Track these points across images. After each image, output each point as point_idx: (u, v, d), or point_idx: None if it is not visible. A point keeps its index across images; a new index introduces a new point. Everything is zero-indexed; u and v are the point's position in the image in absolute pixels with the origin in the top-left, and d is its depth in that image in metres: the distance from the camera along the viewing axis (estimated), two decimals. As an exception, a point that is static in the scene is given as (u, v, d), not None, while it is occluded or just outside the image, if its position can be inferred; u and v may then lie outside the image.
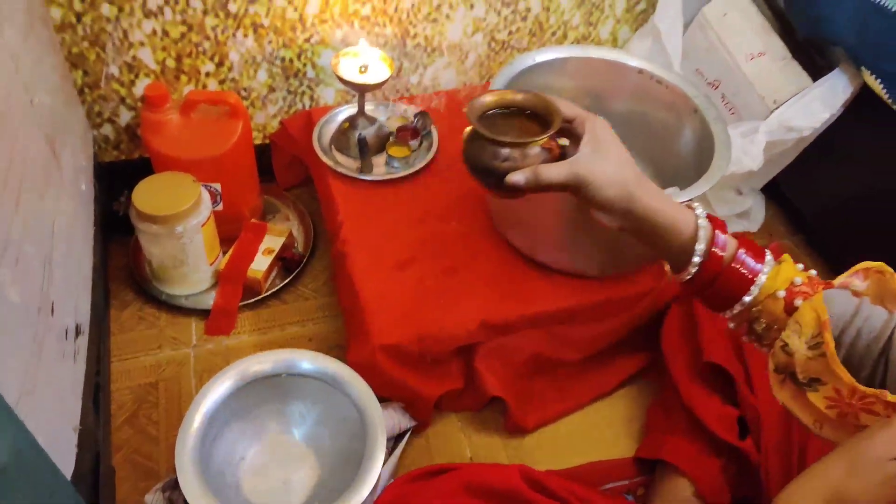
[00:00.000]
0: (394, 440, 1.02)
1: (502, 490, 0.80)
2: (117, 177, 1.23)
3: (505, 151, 0.69)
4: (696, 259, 0.66)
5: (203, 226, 1.11)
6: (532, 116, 0.72)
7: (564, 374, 1.10)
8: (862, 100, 1.06)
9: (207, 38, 1.15)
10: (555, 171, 0.67)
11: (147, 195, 1.08)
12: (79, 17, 1.06)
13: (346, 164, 1.20)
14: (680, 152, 1.10)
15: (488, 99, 0.72)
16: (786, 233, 1.40)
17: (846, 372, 0.58)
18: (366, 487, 0.82)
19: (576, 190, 0.67)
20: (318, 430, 0.98)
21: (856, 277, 0.65)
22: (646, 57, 1.26)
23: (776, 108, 1.13)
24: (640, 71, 1.10)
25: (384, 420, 0.97)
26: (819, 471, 0.57)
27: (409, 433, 1.03)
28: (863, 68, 1.02)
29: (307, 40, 1.20)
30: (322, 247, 1.29)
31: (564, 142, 0.72)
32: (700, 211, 0.67)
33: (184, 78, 1.19)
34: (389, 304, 1.00)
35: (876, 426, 0.57)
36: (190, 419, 0.86)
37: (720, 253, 0.65)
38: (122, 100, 1.18)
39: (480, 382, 1.03)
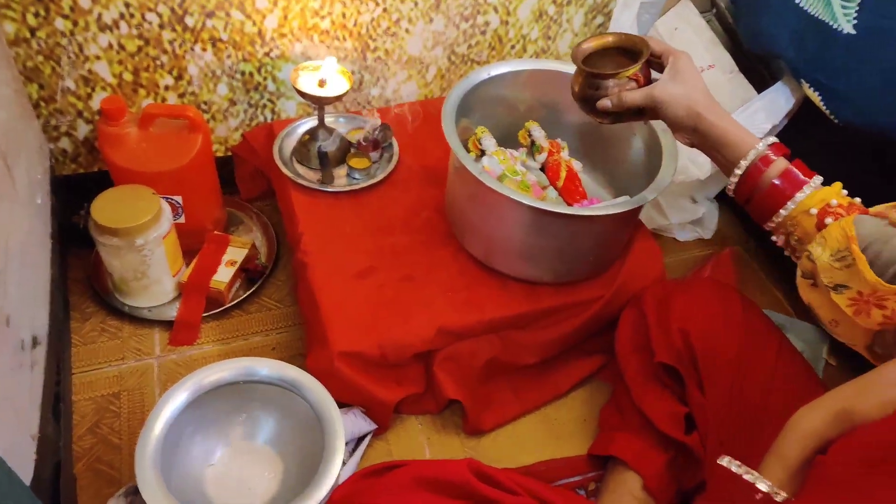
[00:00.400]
0: (354, 443, 1.04)
1: (451, 482, 0.82)
2: (76, 189, 1.24)
3: (598, 82, 0.88)
4: (738, 171, 0.81)
5: (164, 238, 1.12)
6: (627, 54, 0.89)
7: (521, 377, 1.12)
8: (804, 111, 1.11)
9: (165, 51, 1.16)
10: (635, 95, 0.86)
11: (106, 208, 1.09)
12: (33, 31, 1.06)
13: (307, 175, 1.21)
14: (631, 161, 1.13)
15: (590, 44, 0.90)
16: (739, 240, 1.44)
17: (872, 273, 0.67)
18: (323, 489, 0.83)
19: (653, 110, 0.86)
20: (280, 434, 0.99)
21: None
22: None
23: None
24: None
25: (344, 424, 0.99)
26: (833, 392, 0.64)
27: (369, 436, 1.05)
28: (802, 81, 1.06)
29: (267, 54, 1.22)
30: (285, 257, 1.30)
31: (658, 75, 0.88)
32: (766, 140, 0.80)
33: (142, 91, 1.20)
34: (349, 312, 1.02)
35: (889, 363, 0.63)
36: (150, 426, 0.87)
37: (763, 168, 0.79)
38: (80, 113, 1.19)
39: (439, 387, 1.05)
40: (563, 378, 1.15)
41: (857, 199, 0.76)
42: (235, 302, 1.21)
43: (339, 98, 1.15)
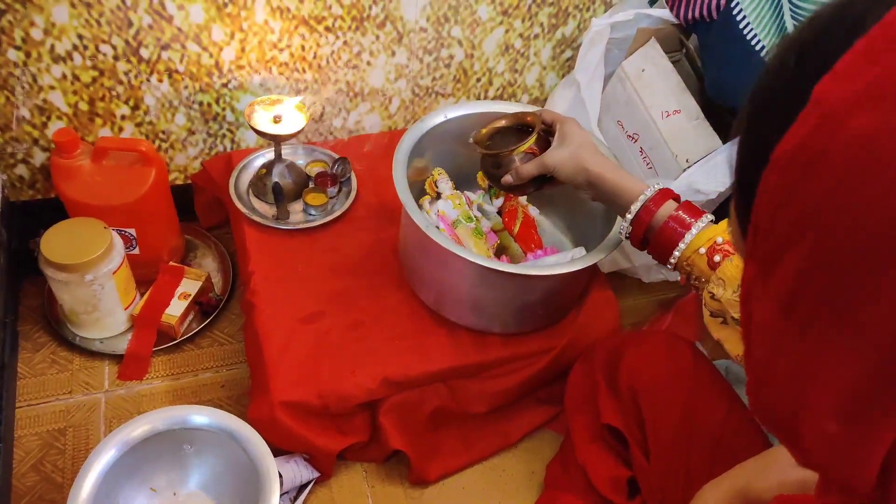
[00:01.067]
0: (295, 491, 1.03)
1: None
2: (33, 216, 1.22)
3: (498, 161, 0.97)
4: (628, 216, 0.87)
5: (115, 273, 1.11)
6: (524, 130, 0.99)
7: (469, 426, 1.11)
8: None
9: (120, 82, 1.14)
10: (529, 166, 0.95)
11: (56, 242, 1.07)
12: (-16, 63, 1.05)
13: (263, 210, 1.20)
14: (590, 208, 1.11)
15: (486, 129, 1.01)
16: (705, 278, 1.42)
17: None
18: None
19: (551, 175, 0.94)
20: (217, 478, 0.98)
21: None
22: (567, 109, 1.28)
23: (687, 167, 1.15)
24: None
25: (285, 472, 0.99)
26: (738, 468, 0.70)
27: (311, 483, 1.04)
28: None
29: (224, 85, 1.20)
30: (240, 289, 1.29)
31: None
32: (653, 186, 0.87)
33: (98, 121, 1.18)
34: (292, 359, 1.01)
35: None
36: (79, 485, 0.86)
37: (652, 211, 0.85)
38: (35, 141, 1.17)
39: (384, 436, 1.04)
40: (514, 428, 1.14)
41: None
42: (188, 336, 1.20)
43: (294, 135, 1.14)
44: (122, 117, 1.19)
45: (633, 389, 0.98)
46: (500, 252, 1.12)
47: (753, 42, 1.01)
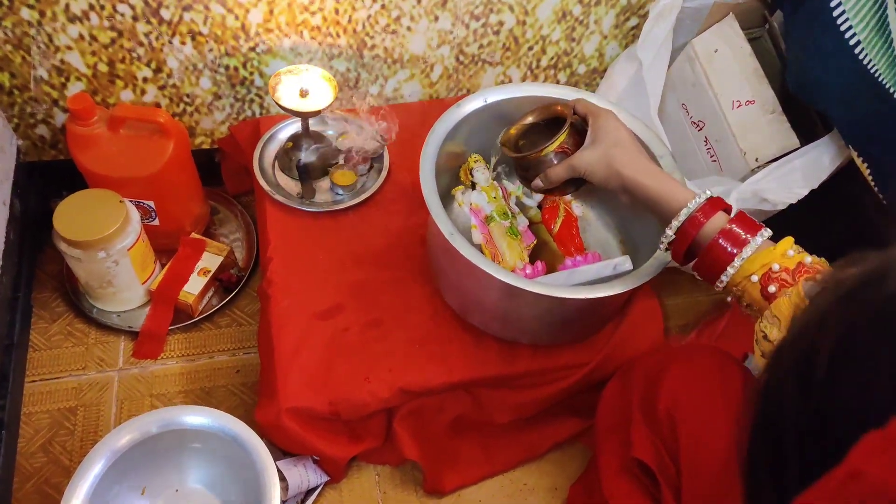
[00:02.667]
0: (302, 496, 0.99)
1: None
2: (56, 175, 1.18)
3: (526, 163, 0.86)
4: (669, 231, 0.75)
5: (130, 249, 1.06)
6: (557, 124, 0.86)
7: (491, 436, 1.05)
8: (848, 176, 0.94)
9: (141, 44, 1.06)
10: (559, 170, 0.84)
11: (69, 215, 1.02)
12: (-3, 21, 0.98)
13: (288, 187, 1.12)
14: (643, 218, 1.00)
15: (512, 130, 0.90)
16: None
17: None
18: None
19: (583, 178, 0.83)
20: (220, 478, 0.95)
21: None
22: (626, 87, 1.14)
23: (757, 168, 1.02)
24: (605, 117, 0.99)
25: (291, 476, 0.95)
26: None
27: (320, 487, 1.00)
28: (850, 147, 0.90)
29: (252, 49, 1.11)
30: (261, 270, 1.23)
31: None
32: (702, 194, 0.73)
33: (119, 83, 1.11)
34: (303, 361, 0.94)
35: None
36: (73, 490, 0.83)
37: (697, 226, 0.72)
38: (55, 102, 1.12)
39: (398, 444, 0.98)
40: (540, 439, 1.06)
41: (808, 258, 0.68)
42: (206, 314, 1.15)
43: (321, 111, 1.04)
44: (145, 80, 1.11)
45: (671, 416, 0.89)
46: (536, 253, 1.02)
47: (847, 34, 0.85)
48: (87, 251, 1.03)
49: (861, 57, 0.84)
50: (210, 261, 1.16)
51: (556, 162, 0.84)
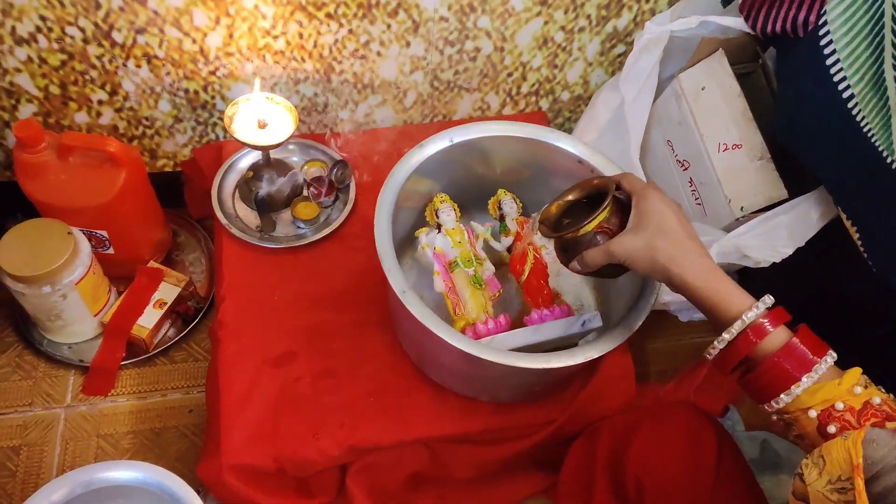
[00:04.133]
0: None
1: None
2: (10, 197, 1.13)
3: (565, 243, 0.76)
4: (717, 345, 0.65)
5: (78, 283, 1.01)
6: (599, 202, 0.73)
7: (450, 489, 0.99)
8: (835, 234, 0.87)
9: (93, 66, 1.01)
10: (595, 255, 0.72)
11: (13, 248, 0.98)
12: (-64, 45, 0.93)
13: (248, 219, 1.07)
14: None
15: (553, 207, 0.79)
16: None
17: None
18: None
19: (623, 265, 0.71)
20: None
21: None
22: (610, 120, 1.08)
23: (742, 217, 0.95)
24: (580, 161, 0.93)
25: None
26: None
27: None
28: (839, 208, 0.83)
29: (213, 73, 1.05)
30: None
31: None
32: (760, 303, 0.64)
33: (73, 105, 1.05)
34: (250, 413, 0.89)
35: None
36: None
37: (753, 343, 0.63)
38: (7, 123, 1.06)
39: (351, 501, 0.93)
40: (503, 494, 1.01)
41: (877, 398, 0.58)
42: (162, 348, 1.10)
43: (280, 144, 0.99)
44: (100, 102, 1.06)
45: (639, 483, 0.83)
46: (501, 307, 0.96)
47: (841, 86, 0.78)
48: (32, 286, 0.98)
49: (854, 112, 0.77)
50: (167, 292, 1.11)
51: (599, 242, 0.72)
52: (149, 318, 1.09)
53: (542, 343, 0.89)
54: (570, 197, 0.79)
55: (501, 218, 0.99)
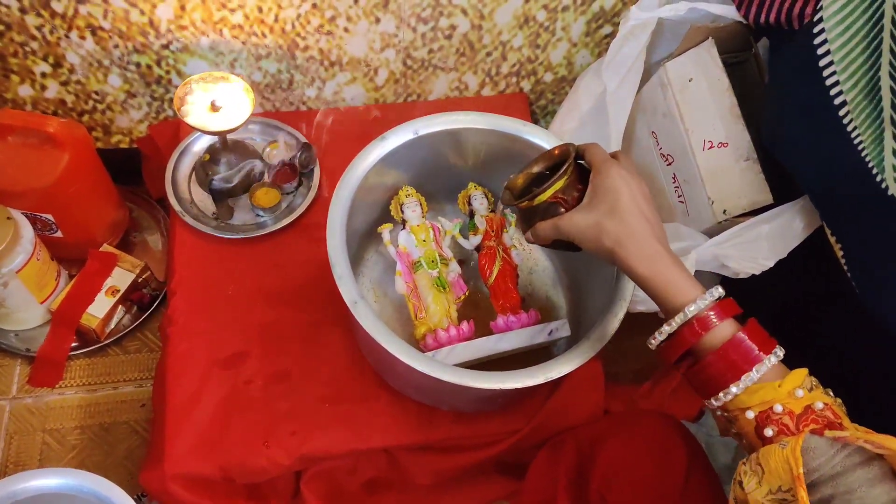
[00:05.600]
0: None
1: None
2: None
3: (524, 213, 0.73)
4: (658, 336, 0.63)
5: (20, 271, 0.95)
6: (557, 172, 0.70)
7: (410, 497, 0.95)
8: (818, 246, 0.81)
9: (33, 37, 0.93)
10: (546, 228, 0.70)
11: (-51, 233, 0.91)
12: None
13: (204, 204, 1.01)
14: (594, 265, 0.88)
15: (519, 180, 0.76)
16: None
17: None
18: None
19: (574, 242, 0.68)
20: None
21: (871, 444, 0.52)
22: (592, 108, 1.01)
23: (724, 221, 0.89)
24: (554, 156, 0.86)
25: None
26: None
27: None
28: (824, 224, 0.77)
29: (165, 47, 0.97)
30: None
31: None
32: (707, 296, 0.60)
33: (14, 78, 0.98)
34: (196, 418, 0.85)
35: None
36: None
37: (698, 334, 0.59)
38: (-56, 96, 0.99)
39: (304, 507, 0.90)
40: (465, 502, 0.97)
41: (819, 403, 0.55)
42: (115, 337, 1.05)
43: (233, 130, 0.92)
44: (43, 75, 0.99)
45: (603, 499, 0.80)
46: (465, 309, 0.91)
47: (833, 91, 0.71)
48: (-31, 274, 0.92)
49: (846, 121, 0.71)
50: (121, 278, 1.06)
51: (558, 213, 0.69)
52: (100, 307, 1.03)
53: (507, 352, 0.84)
54: (535, 168, 0.75)
55: (471, 214, 0.93)
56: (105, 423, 1.00)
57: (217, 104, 0.91)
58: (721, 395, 0.59)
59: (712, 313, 0.60)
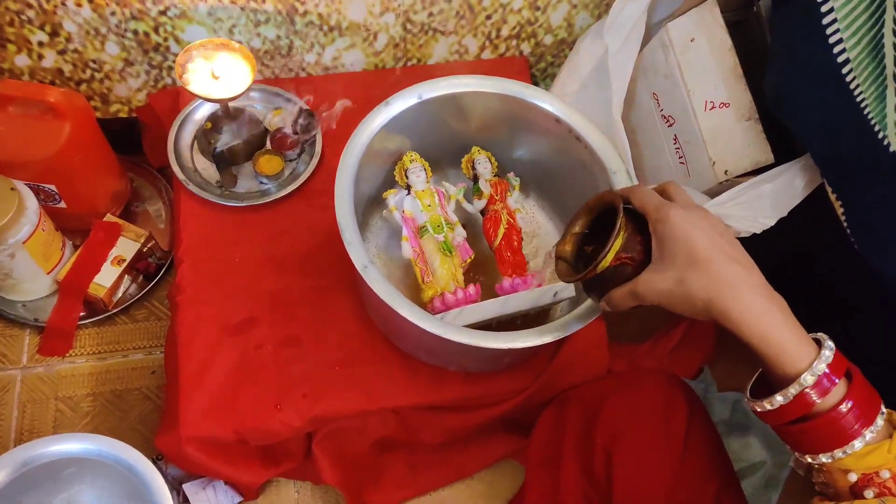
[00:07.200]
0: (212, 518, 0.93)
1: None
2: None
3: (587, 284, 0.66)
4: (779, 399, 0.55)
5: (26, 242, 0.95)
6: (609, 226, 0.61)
7: (418, 454, 0.98)
8: (822, 206, 0.83)
9: (30, 6, 0.92)
10: (623, 299, 0.62)
11: (-46, 205, 0.92)
12: None
13: (207, 173, 1.01)
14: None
15: (567, 246, 0.68)
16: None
17: None
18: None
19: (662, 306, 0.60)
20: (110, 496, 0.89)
21: None
22: (592, 70, 1.02)
23: (726, 181, 0.90)
24: (558, 120, 0.87)
25: (199, 501, 0.88)
26: None
27: (233, 508, 0.94)
28: (825, 181, 0.78)
29: (163, 13, 0.96)
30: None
31: None
32: (821, 360, 0.54)
33: (11, 47, 0.97)
34: (209, 383, 0.86)
35: None
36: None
37: (814, 402, 0.54)
38: (-59, 67, 0.98)
39: (316, 467, 0.92)
40: (472, 459, 1.00)
41: None
42: (122, 306, 1.06)
43: (235, 98, 0.92)
44: (41, 44, 0.98)
45: (608, 453, 0.82)
46: (471, 272, 0.92)
47: (836, 49, 0.72)
48: (-25, 245, 0.93)
49: (849, 79, 0.72)
50: (126, 248, 1.06)
51: (628, 274, 0.61)
52: (107, 276, 1.04)
53: (514, 313, 0.85)
54: (577, 228, 0.67)
55: (475, 178, 0.94)
56: (117, 389, 1.01)
57: (216, 73, 0.91)
58: (822, 457, 0.55)
59: (825, 378, 0.54)
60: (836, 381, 0.54)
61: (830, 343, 0.55)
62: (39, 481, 0.83)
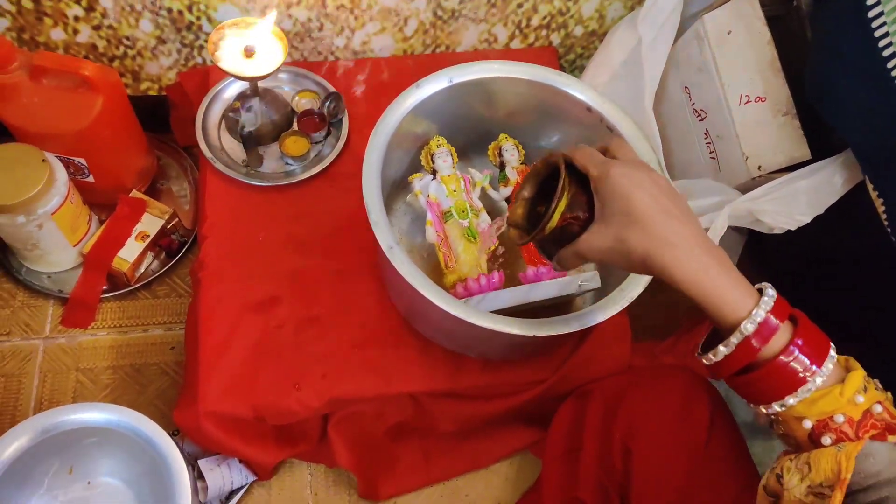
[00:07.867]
0: (225, 496, 0.93)
1: None
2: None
3: (539, 245, 0.65)
4: (722, 350, 0.55)
5: (55, 213, 0.96)
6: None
7: (433, 442, 0.98)
8: (858, 202, 0.81)
9: (68, -21, 0.93)
10: (569, 259, 0.62)
11: (-14, 173, 0.92)
12: None
13: (234, 152, 1.01)
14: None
15: (519, 209, 0.67)
16: (761, 279, 1.18)
17: None
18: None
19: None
20: (129, 471, 0.89)
21: None
22: (625, 61, 1.00)
23: (759, 177, 0.89)
24: (590, 109, 0.86)
25: (213, 478, 0.89)
26: None
27: (245, 487, 0.94)
28: (866, 177, 0.77)
29: (197, -9, 0.97)
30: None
31: None
32: (761, 306, 0.53)
33: (48, 21, 0.98)
34: (229, 360, 0.86)
35: None
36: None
37: (756, 349, 0.53)
38: (-23, 38, 0.99)
39: (331, 450, 0.91)
40: (488, 449, 0.99)
41: (877, 407, 0.53)
42: (144, 282, 1.07)
43: (266, 76, 0.91)
44: (76, 18, 0.98)
45: (626, 447, 0.81)
46: (496, 259, 0.91)
47: (882, 42, 0.70)
48: (5, 215, 0.93)
49: (894, 74, 0.70)
50: (150, 224, 1.06)
51: (576, 232, 0.60)
52: (130, 251, 1.04)
53: (536, 302, 0.85)
54: (526, 192, 0.67)
55: (502, 166, 0.93)
56: (136, 363, 1.02)
57: (251, 49, 0.91)
58: (775, 405, 0.55)
59: (768, 322, 0.53)
60: (779, 324, 0.53)
61: (772, 290, 0.55)
62: (59, 448, 0.84)
